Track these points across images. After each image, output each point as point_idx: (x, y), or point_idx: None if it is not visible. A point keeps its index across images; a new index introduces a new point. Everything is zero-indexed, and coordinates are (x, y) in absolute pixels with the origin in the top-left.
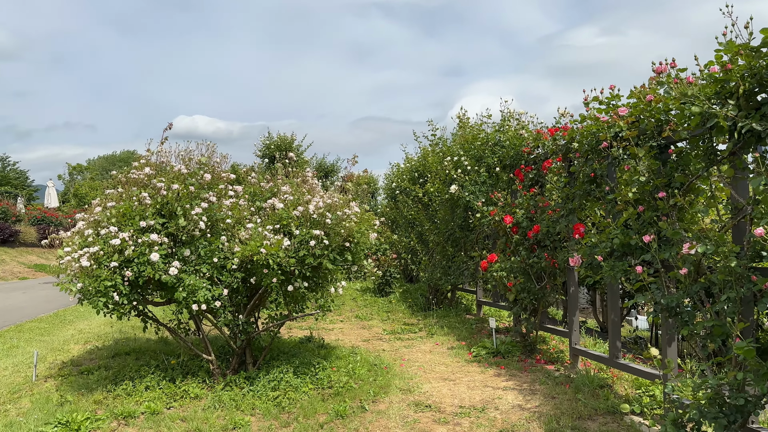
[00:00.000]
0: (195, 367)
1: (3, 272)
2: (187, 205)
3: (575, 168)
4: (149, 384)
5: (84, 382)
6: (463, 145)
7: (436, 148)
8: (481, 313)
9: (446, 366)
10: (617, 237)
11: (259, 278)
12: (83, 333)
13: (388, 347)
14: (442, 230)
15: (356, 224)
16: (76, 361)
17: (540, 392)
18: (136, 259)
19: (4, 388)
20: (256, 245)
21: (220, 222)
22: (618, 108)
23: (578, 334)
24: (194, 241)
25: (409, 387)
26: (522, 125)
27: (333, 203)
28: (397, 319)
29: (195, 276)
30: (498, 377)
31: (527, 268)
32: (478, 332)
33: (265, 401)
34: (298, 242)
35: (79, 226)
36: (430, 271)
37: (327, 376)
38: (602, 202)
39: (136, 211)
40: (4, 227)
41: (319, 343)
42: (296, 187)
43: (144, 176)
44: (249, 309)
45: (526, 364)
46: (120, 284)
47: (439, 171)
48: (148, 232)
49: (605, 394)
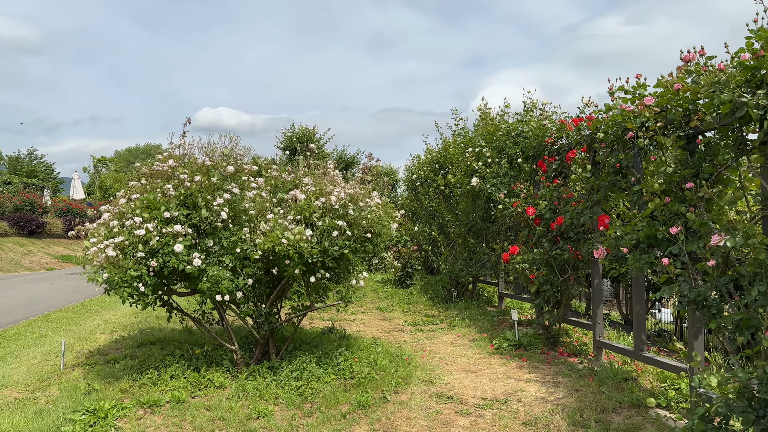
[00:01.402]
0: (218, 356)
1: (31, 263)
2: (209, 196)
3: (600, 159)
4: (174, 373)
5: (110, 371)
6: (484, 136)
7: (458, 139)
8: (503, 305)
9: (468, 358)
10: (643, 229)
11: (282, 269)
12: (109, 323)
13: (410, 339)
14: (464, 222)
15: (378, 215)
16: (103, 351)
17: (563, 385)
18: (160, 250)
19: (33, 376)
20: (277, 236)
21: (242, 213)
22: (644, 97)
23: (602, 327)
24: (217, 232)
25: (430, 378)
26: (546, 115)
27: (354, 194)
28: (418, 311)
29: (218, 267)
30: (520, 369)
31: (550, 260)
32: (500, 324)
33: (288, 391)
34: (320, 233)
35: (104, 217)
36: (451, 263)
37: (349, 367)
38: (628, 194)
39: (160, 202)
40: (32, 219)
41: (341, 334)
42: (318, 179)
43: (168, 168)
44: (272, 300)
45: (548, 357)
46: (145, 274)
47: (460, 162)
48: (172, 223)
49: (630, 387)
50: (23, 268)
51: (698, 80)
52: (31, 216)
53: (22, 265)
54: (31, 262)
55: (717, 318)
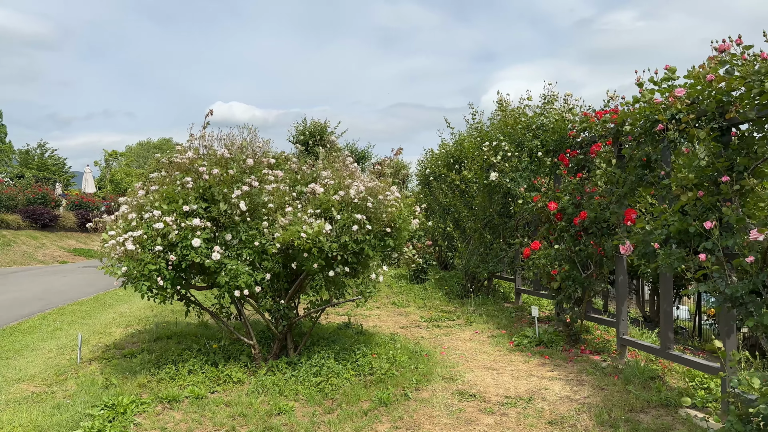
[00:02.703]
0: (236, 351)
1: (44, 256)
2: (226, 189)
3: (626, 152)
4: (192, 368)
5: (127, 366)
6: (502, 129)
7: (473, 133)
8: (520, 301)
9: (488, 355)
10: (674, 223)
11: (300, 263)
12: (124, 316)
13: (427, 335)
14: (480, 217)
15: (398, 210)
16: (119, 344)
17: (588, 383)
18: (179, 243)
19: (50, 370)
20: (296, 230)
21: (260, 207)
22: (674, 89)
23: (626, 324)
24: (235, 226)
25: (451, 375)
26: (569, 107)
27: (374, 187)
28: (434, 306)
29: (236, 260)
30: (542, 367)
31: (573, 255)
32: (518, 321)
33: (308, 387)
34: (339, 227)
35: (122, 209)
36: (467, 258)
37: (368, 363)
38: (656, 188)
39: (179, 195)
40: (44, 212)
41: (358, 329)
42: (336, 172)
43: (186, 160)
44: (290, 294)
45: (570, 354)
46: (164, 268)
47: (476, 157)
48: (191, 217)
49: (657, 386)
50: (36, 261)
51: (732, 71)
52: (44, 209)
53: (36, 258)
54: (44, 255)
55: (755, 316)
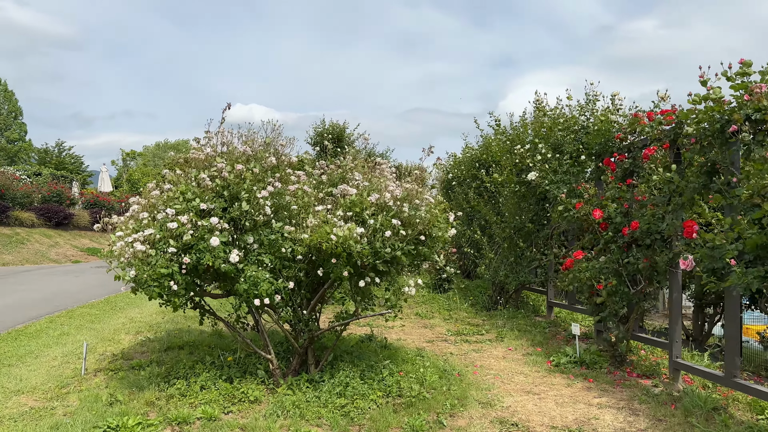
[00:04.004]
0: (252, 365)
1: (56, 255)
2: (254, 187)
3: (687, 156)
4: (204, 383)
5: (135, 379)
6: (537, 131)
7: (501, 136)
8: (552, 315)
9: (525, 376)
10: (750, 237)
11: (328, 270)
12: (134, 322)
13: (456, 350)
14: (510, 223)
15: (434, 217)
16: (127, 354)
17: (643, 413)
18: (194, 245)
19: (52, 381)
20: (326, 231)
21: (283, 209)
22: (752, 85)
23: (680, 346)
24: (257, 228)
25: (488, 400)
26: (616, 107)
27: (412, 191)
28: (460, 318)
29: (256, 266)
30: (588, 392)
31: (620, 269)
32: (553, 337)
33: (332, 410)
34: (372, 232)
35: (133, 208)
36: (495, 267)
37: (396, 383)
38: (724, 196)
39: (195, 194)
40: (59, 210)
41: (382, 343)
42: (367, 174)
43: (204, 157)
44: (312, 305)
45: (616, 377)
46: (176, 272)
47: (505, 160)
48: (207, 216)
49: (723, 420)
50: (49, 260)
51: None
52: (59, 207)
53: (48, 257)
54: (57, 254)
55: None
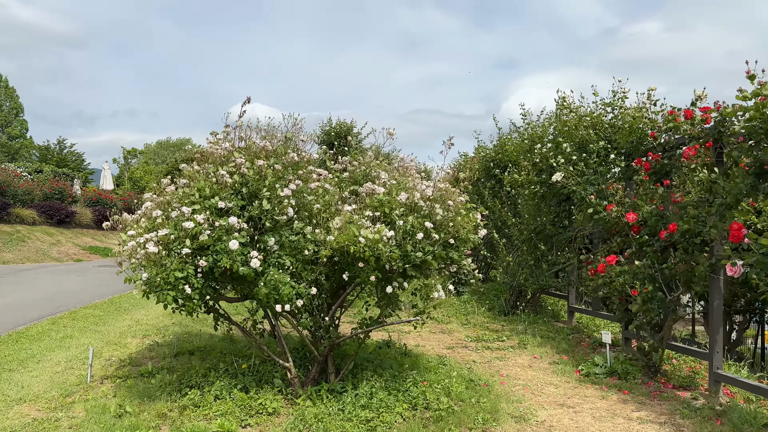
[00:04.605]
0: (268, 373)
1: (58, 253)
2: (276, 184)
3: (733, 155)
4: (219, 393)
5: (145, 388)
6: (561, 130)
7: (521, 133)
8: (573, 320)
9: (556, 387)
10: None
11: (353, 274)
12: (141, 324)
13: (478, 358)
14: (530, 225)
15: (465, 219)
16: (135, 360)
17: (687, 429)
18: (211, 247)
19: (56, 389)
20: (353, 233)
21: (303, 208)
22: None
23: (721, 357)
24: (278, 229)
25: (521, 414)
26: (653, 101)
27: (446, 190)
28: (478, 323)
29: (276, 269)
30: (624, 404)
31: (656, 274)
32: (578, 344)
33: (357, 424)
34: (402, 234)
35: (146, 206)
36: (513, 270)
37: (422, 394)
38: None
39: (212, 191)
40: (61, 208)
41: (401, 350)
42: (391, 172)
43: (222, 151)
44: (333, 310)
45: (651, 389)
46: (191, 275)
47: (524, 160)
48: (226, 216)
49: None
50: (50, 258)
51: None
52: (60, 205)
53: (50, 256)
54: (59, 252)
55: None
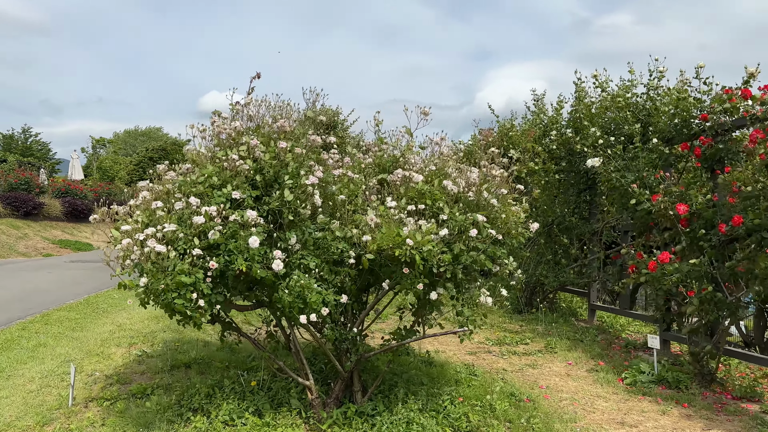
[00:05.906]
0: (282, 390)
1: (26, 248)
2: (302, 171)
3: None
4: (228, 418)
5: (139, 413)
6: (587, 113)
7: (531, 121)
8: (594, 319)
9: (605, 400)
10: None
11: (396, 281)
12: (124, 330)
13: (507, 366)
14: (548, 217)
15: (515, 212)
16: (123, 376)
17: None
18: (222, 245)
19: (30, 415)
20: (396, 233)
21: (327, 199)
22: None
23: None
24: (300, 224)
25: None
26: (703, 80)
27: (493, 179)
28: (494, 323)
29: (299, 272)
30: (690, 420)
31: (714, 272)
32: (609, 347)
33: None
34: (457, 232)
35: (143, 195)
36: (531, 266)
37: (464, 416)
38: None
39: (224, 178)
40: (28, 199)
41: (424, 358)
42: (428, 159)
43: (232, 131)
44: (361, 319)
45: (711, 400)
46: (200, 280)
47: (537, 147)
48: (240, 209)
49: None
50: (17, 253)
51: None
52: (27, 196)
53: (16, 250)
54: (27, 246)
55: None
